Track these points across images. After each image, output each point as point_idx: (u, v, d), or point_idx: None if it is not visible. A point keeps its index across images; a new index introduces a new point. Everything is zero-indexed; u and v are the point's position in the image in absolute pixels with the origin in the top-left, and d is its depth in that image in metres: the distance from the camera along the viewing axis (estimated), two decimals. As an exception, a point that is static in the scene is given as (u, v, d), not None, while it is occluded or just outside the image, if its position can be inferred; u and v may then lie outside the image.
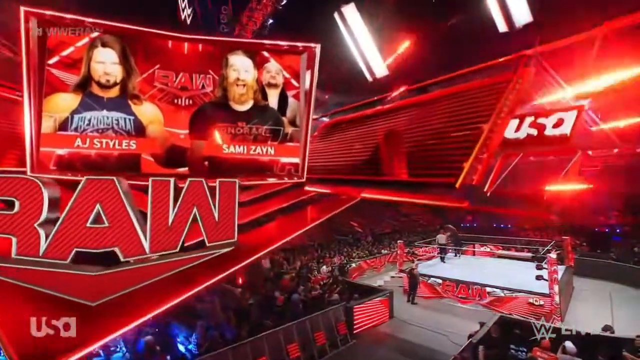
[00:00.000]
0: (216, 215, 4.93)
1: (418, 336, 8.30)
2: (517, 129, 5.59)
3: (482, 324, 7.05)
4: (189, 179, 4.86)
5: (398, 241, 12.83)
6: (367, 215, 25.21)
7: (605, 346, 5.47)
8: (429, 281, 11.45)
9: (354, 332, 8.46)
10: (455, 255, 14.13)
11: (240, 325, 6.97)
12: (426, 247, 14.39)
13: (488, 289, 10.17)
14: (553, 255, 8.98)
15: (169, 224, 4.68)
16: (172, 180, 4.75)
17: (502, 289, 9.89)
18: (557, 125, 5.27)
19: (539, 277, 9.22)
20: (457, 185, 5.12)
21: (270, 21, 14.58)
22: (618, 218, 17.75)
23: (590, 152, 21.90)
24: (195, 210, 4.82)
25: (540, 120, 5.44)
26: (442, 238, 13.26)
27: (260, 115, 6.43)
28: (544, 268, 9.16)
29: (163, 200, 4.66)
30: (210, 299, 7.46)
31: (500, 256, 14.73)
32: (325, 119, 10.50)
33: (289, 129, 6.51)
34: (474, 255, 15.57)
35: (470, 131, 5.67)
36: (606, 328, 6.49)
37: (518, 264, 12.33)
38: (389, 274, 13.68)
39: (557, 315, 8.82)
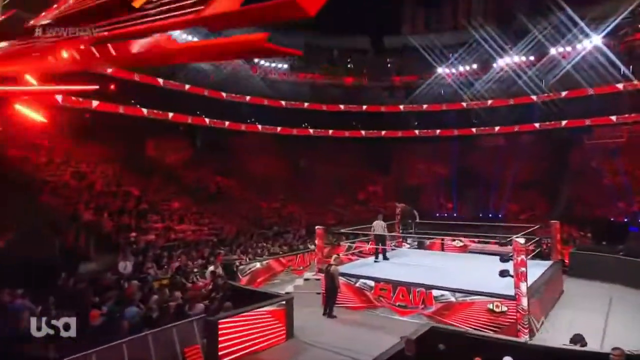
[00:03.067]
0: None
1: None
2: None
3: (403, 339, 6.34)
4: None
5: (316, 227, 11.99)
6: (307, 202, 24.80)
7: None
8: (356, 284, 10.98)
9: (219, 362, 7.81)
10: (410, 247, 14.54)
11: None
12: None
13: (435, 293, 9.62)
14: (520, 239, 8.42)
15: None
16: None
17: (453, 291, 9.29)
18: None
19: (503, 273, 8.71)
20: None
21: None
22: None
23: (614, 119, 24.02)
24: None
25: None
26: (378, 226, 12.52)
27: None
28: (510, 259, 8.58)
29: None
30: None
31: (474, 251, 14.55)
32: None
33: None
34: (442, 251, 15.91)
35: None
36: (576, 339, 6.29)
37: (492, 260, 11.95)
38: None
39: (523, 326, 8.27)
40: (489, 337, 6.80)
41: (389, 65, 31.45)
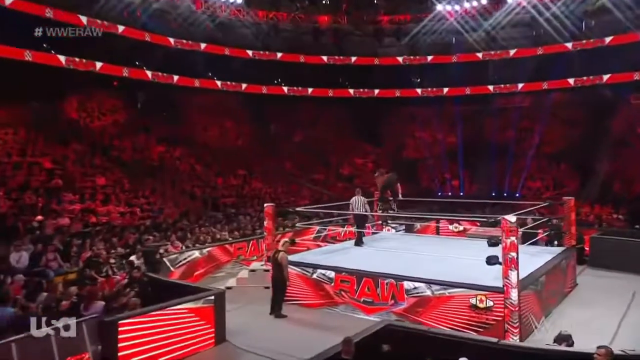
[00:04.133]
0: None
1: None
2: None
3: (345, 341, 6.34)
4: None
5: (265, 205, 11.95)
6: (276, 178, 25.09)
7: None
8: (313, 276, 11.01)
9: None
10: (396, 231, 14.90)
11: None
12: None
13: (407, 285, 9.64)
14: (511, 218, 8.37)
15: None
16: None
17: (429, 282, 9.34)
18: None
19: (491, 260, 8.74)
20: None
21: None
22: None
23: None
24: None
25: None
26: (358, 203, 12.46)
27: None
28: (499, 242, 8.58)
29: None
30: None
31: (473, 236, 14.90)
32: None
33: None
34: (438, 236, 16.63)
35: None
36: (561, 338, 6.51)
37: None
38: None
39: (512, 324, 8.28)
40: (452, 335, 6.78)
41: (375, 1, 30.22)
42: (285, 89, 28.96)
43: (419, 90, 29.54)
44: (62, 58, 21.15)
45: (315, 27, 29.41)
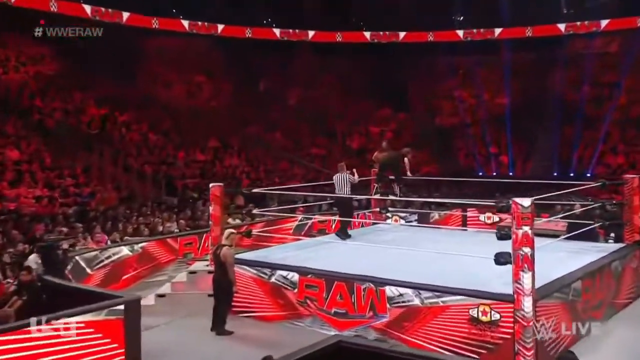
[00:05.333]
0: None
1: None
2: None
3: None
4: None
5: (210, 185, 12.21)
6: (259, 151, 25.51)
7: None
8: (271, 279, 11.05)
9: None
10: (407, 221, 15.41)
11: None
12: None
13: (390, 292, 9.67)
14: (524, 202, 8.30)
15: None
16: None
17: (417, 288, 9.44)
18: None
19: (501, 259, 8.84)
20: None
21: None
22: None
23: None
24: None
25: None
26: (340, 181, 12.72)
27: None
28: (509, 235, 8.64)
29: None
30: None
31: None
32: None
33: None
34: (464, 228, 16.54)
35: None
36: (562, 357, 6.61)
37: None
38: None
39: (525, 344, 8.22)
40: (422, 357, 6.72)
41: None
42: (276, 32, 28.98)
43: (460, 33, 29.41)
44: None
45: None
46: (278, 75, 29.82)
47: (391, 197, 14.01)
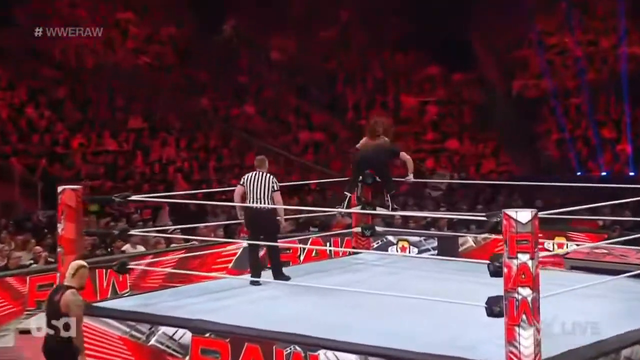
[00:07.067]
0: None
1: None
2: None
3: None
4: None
5: (59, 189, 11.83)
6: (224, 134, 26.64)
7: None
8: (150, 342, 10.89)
9: None
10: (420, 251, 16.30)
11: None
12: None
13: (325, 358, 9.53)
14: (521, 215, 7.86)
15: None
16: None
17: (367, 354, 9.14)
18: None
19: (493, 308, 8.37)
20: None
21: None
22: None
23: None
24: None
25: None
26: (256, 187, 12.70)
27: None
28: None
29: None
30: None
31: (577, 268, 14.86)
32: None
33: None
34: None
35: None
36: None
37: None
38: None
39: None
40: None
41: None
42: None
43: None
44: None
45: None
46: (251, 14, 29.53)
47: (380, 210, 13.93)
